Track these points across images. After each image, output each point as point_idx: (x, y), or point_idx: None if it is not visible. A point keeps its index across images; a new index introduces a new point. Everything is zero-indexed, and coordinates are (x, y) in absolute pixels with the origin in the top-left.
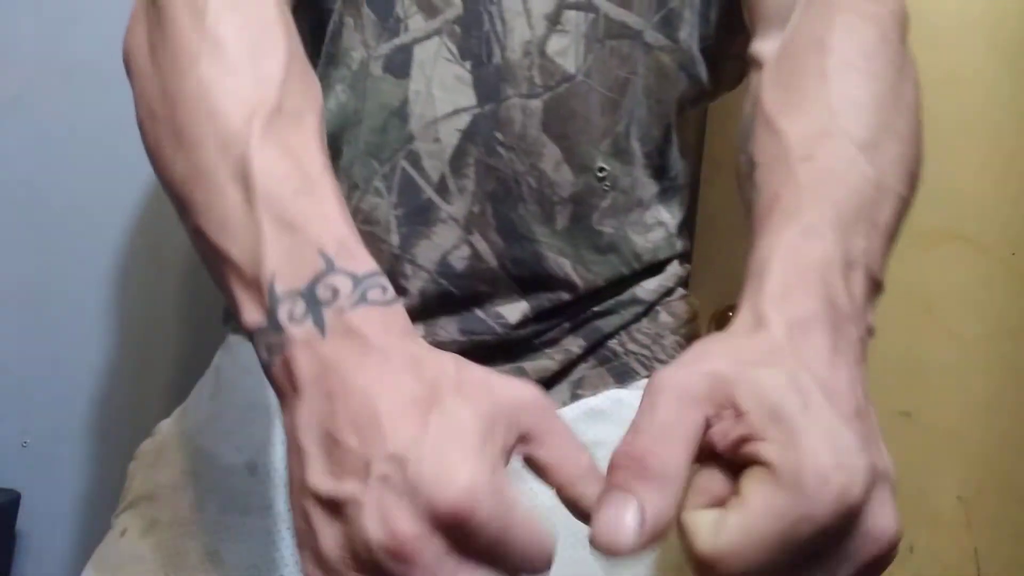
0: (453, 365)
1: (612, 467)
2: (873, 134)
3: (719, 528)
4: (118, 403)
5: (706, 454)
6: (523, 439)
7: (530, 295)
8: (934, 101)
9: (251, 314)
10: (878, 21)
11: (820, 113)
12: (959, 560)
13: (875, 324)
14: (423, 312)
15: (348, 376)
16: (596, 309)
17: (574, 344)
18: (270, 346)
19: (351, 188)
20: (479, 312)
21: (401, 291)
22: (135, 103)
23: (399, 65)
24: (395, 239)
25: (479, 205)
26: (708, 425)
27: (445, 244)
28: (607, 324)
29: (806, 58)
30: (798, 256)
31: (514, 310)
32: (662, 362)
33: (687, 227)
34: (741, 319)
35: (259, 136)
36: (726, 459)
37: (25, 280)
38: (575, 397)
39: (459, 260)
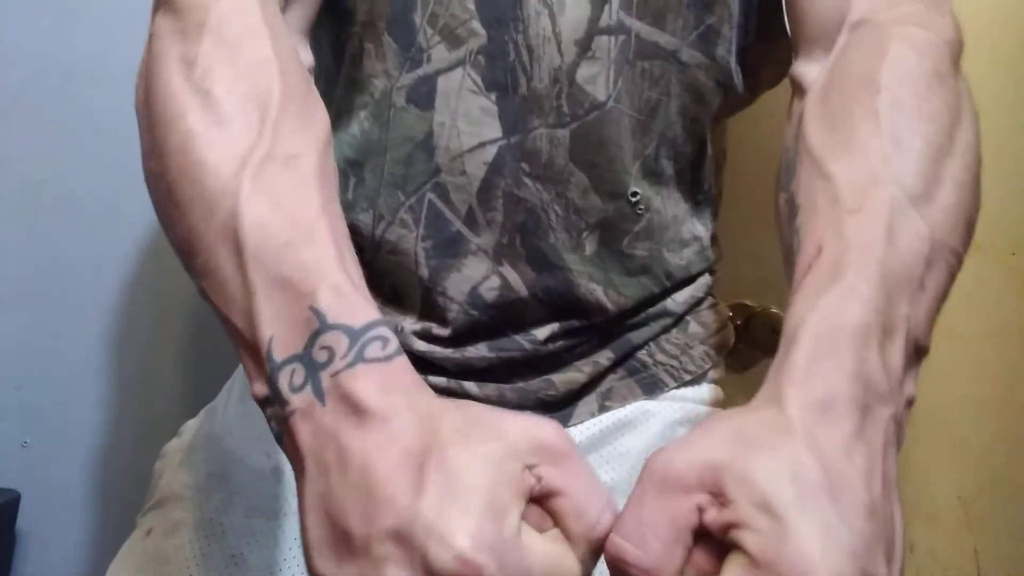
0: (459, 413)
1: (608, 563)
2: (927, 184)
3: None
4: (119, 403)
5: (703, 530)
6: (539, 481)
7: (562, 318)
8: None
9: (257, 384)
10: (932, 52)
11: (871, 159)
12: (959, 560)
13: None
14: (454, 339)
15: (345, 447)
16: (627, 323)
17: (603, 357)
18: (277, 418)
19: (376, 218)
20: (510, 332)
21: (436, 321)
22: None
23: (423, 96)
24: (425, 272)
25: (508, 236)
26: (702, 510)
27: (475, 276)
28: (637, 336)
29: (856, 94)
30: (833, 322)
31: (544, 330)
32: (690, 372)
33: (715, 233)
34: (762, 392)
35: (248, 188)
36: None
37: (25, 280)
38: (603, 409)
39: (489, 291)
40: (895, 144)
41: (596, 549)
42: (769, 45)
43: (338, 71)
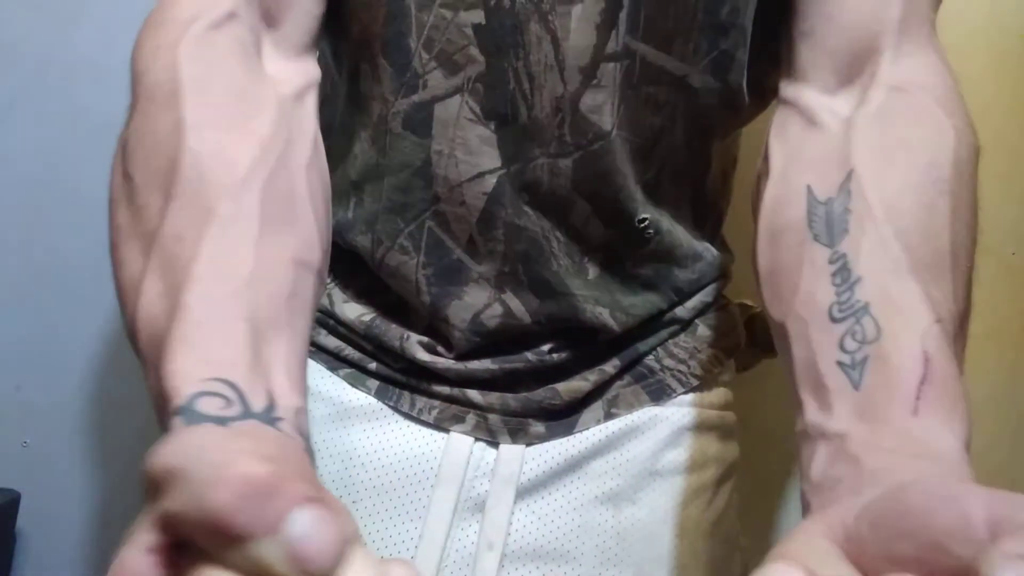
0: None
1: None
2: (968, 309)
3: None
4: (118, 403)
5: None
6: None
7: (567, 339)
8: None
9: None
10: (973, 158)
11: (942, 269)
12: None
13: None
14: (457, 358)
15: None
16: (635, 333)
17: (609, 365)
18: None
19: (375, 242)
20: (514, 349)
21: (440, 342)
22: None
23: (419, 124)
24: (426, 298)
25: (510, 265)
26: None
27: (477, 304)
28: (644, 344)
29: (923, 184)
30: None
31: (549, 346)
32: (698, 377)
33: (723, 237)
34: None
35: (146, 284)
36: None
37: (25, 280)
38: (610, 416)
39: (491, 319)
40: (954, 259)
41: None
42: (774, 61)
43: (341, 83)
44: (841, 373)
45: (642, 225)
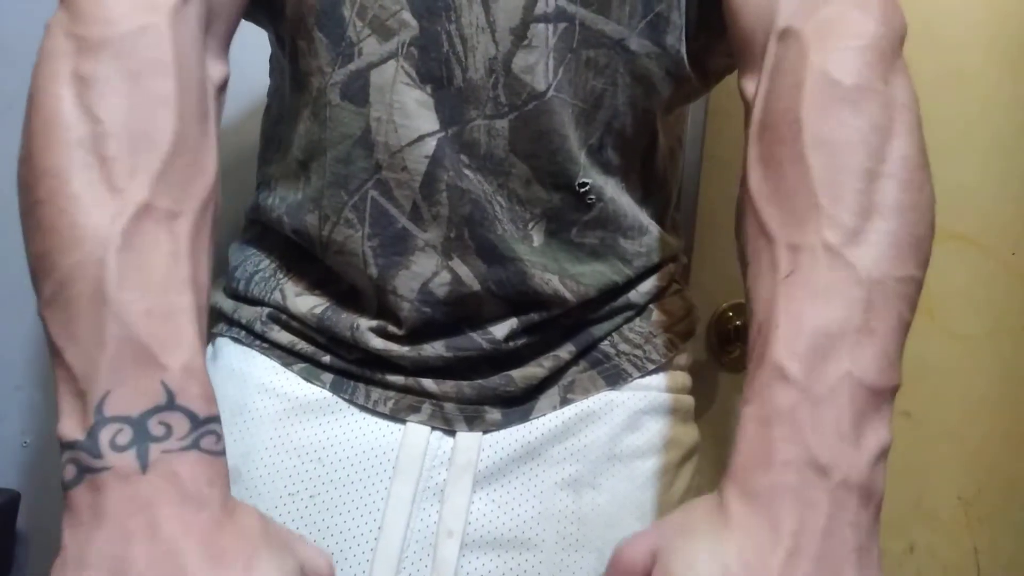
0: (259, 522)
1: None
2: (858, 222)
3: None
4: None
5: None
6: None
7: (520, 313)
8: (934, 101)
9: (68, 426)
10: (852, 63)
11: (800, 210)
12: (959, 560)
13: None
14: (409, 337)
15: (160, 521)
16: (589, 316)
17: (564, 350)
18: (80, 465)
19: (322, 219)
20: (467, 330)
21: (391, 320)
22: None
23: (357, 92)
24: (373, 271)
25: (455, 230)
26: None
27: (424, 272)
28: (599, 329)
29: (781, 133)
30: (763, 411)
31: (503, 327)
32: (653, 362)
33: (675, 222)
34: (720, 484)
35: (119, 242)
36: None
37: (25, 280)
38: (566, 402)
39: (440, 287)
40: (823, 187)
41: None
42: (713, 37)
43: (286, 64)
44: None
45: (583, 189)
